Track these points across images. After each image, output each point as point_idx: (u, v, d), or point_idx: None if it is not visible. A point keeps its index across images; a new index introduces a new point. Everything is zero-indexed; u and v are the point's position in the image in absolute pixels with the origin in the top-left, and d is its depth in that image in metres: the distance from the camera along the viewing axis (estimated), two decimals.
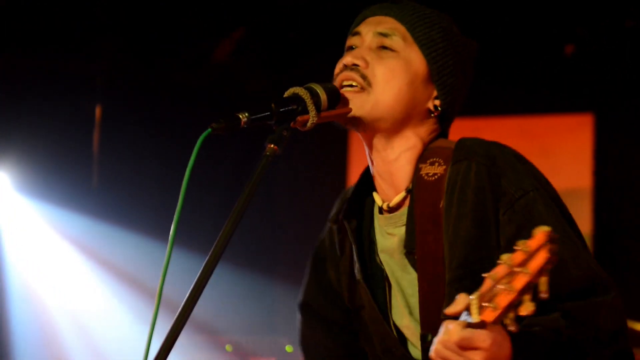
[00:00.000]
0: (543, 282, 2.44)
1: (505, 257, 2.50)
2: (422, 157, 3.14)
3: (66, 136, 8.22)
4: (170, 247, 2.67)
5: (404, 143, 3.16)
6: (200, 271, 2.67)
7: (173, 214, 2.70)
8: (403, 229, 3.14)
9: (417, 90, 3.14)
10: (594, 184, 8.34)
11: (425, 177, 3.10)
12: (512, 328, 2.49)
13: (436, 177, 3.08)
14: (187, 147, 2.82)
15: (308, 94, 2.97)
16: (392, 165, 3.17)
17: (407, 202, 3.15)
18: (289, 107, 2.93)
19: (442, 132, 3.24)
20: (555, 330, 2.83)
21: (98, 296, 8.35)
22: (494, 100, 8.36)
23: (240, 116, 2.81)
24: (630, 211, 8.23)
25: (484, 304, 2.54)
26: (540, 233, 2.45)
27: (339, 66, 3.15)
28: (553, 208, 2.99)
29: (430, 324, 3.05)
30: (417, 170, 3.12)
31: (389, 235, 3.19)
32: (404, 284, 3.16)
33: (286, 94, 2.98)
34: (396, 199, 3.16)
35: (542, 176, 3.09)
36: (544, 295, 2.43)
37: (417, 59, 3.15)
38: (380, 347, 3.22)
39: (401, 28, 3.17)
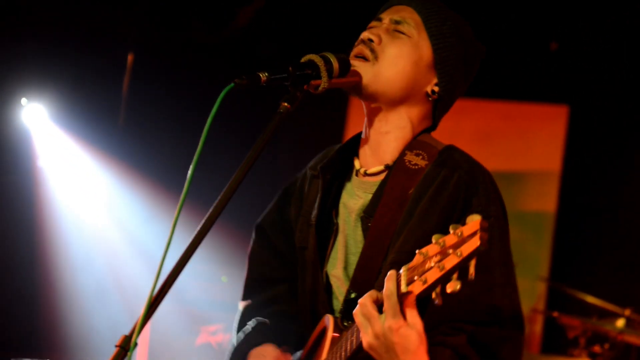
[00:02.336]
0: (472, 265, 2.44)
1: (436, 237, 2.52)
2: (410, 145, 3.16)
3: (99, 78, 8.22)
4: (186, 189, 2.66)
5: (397, 121, 3.17)
6: (211, 208, 2.68)
7: (191, 155, 2.68)
8: (369, 197, 3.15)
9: (420, 73, 3.15)
10: (562, 168, 8.34)
11: (407, 164, 3.11)
12: (437, 301, 2.51)
13: (417, 167, 3.10)
14: (208, 97, 2.82)
15: (322, 61, 2.98)
16: (382, 137, 3.18)
17: (383, 175, 3.17)
18: (304, 72, 2.94)
19: (432, 124, 3.26)
20: (462, 355, 2.82)
21: (113, 220, 8.39)
22: (482, 84, 8.35)
23: (261, 75, 2.81)
24: (592, 196, 8.27)
25: (413, 277, 2.56)
26: (474, 221, 2.45)
27: (358, 40, 3.18)
28: (505, 238, 3.01)
29: (359, 285, 3.07)
30: (402, 154, 3.14)
31: (356, 196, 3.20)
32: (350, 242, 3.18)
33: (303, 60, 2.99)
34: (374, 169, 3.18)
35: (503, 206, 3.09)
36: (471, 276, 2.43)
37: (425, 46, 3.17)
38: (310, 287, 3.24)
39: (417, 18, 3.19)
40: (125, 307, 8.10)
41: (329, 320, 3.09)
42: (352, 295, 3.06)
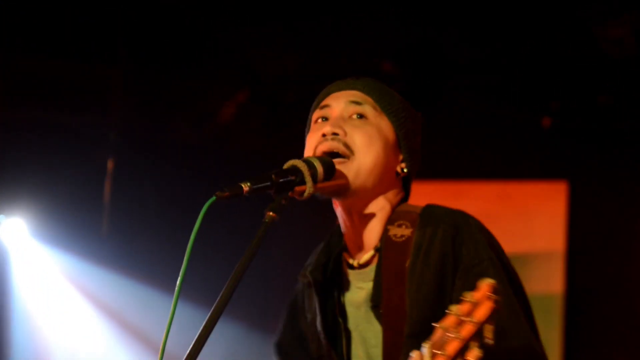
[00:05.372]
0: (489, 329, 2.50)
1: (453, 308, 2.55)
2: (390, 220, 3.19)
3: (80, 187, 8.20)
4: (173, 307, 2.71)
5: (375, 206, 3.21)
6: (201, 328, 2.71)
7: (178, 266, 2.74)
8: (371, 284, 3.17)
9: (389, 155, 3.22)
10: (566, 247, 8.29)
11: (393, 238, 3.14)
12: None
13: (403, 238, 3.13)
14: (193, 200, 2.87)
15: (306, 166, 3.02)
16: (364, 226, 3.21)
17: (375, 259, 3.19)
18: (288, 178, 2.98)
19: (405, 194, 3.32)
20: None
21: (101, 341, 8.31)
22: (476, 165, 8.39)
23: (243, 185, 2.87)
24: (601, 273, 8.21)
25: (435, 352, 2.58)
26: (484, 285, 2.51)
27: (315, 136, 3.21)
28: (502, 277, 3.04)
29: None
30: (385, 231, 3.17)
31: (358, 289, 3.21)
32: (369, 335, 3.19)
33: (285, 166, 3.04)
34: (365, 257, 3.21)
35: (498, 246, 3.15)
36: (489, 341, 2.48)
37: (386, 127, 3.23)
38: None
39: (369, 99, 3.24)
40: None
41: None
42: None
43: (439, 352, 2.57)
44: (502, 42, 7.74)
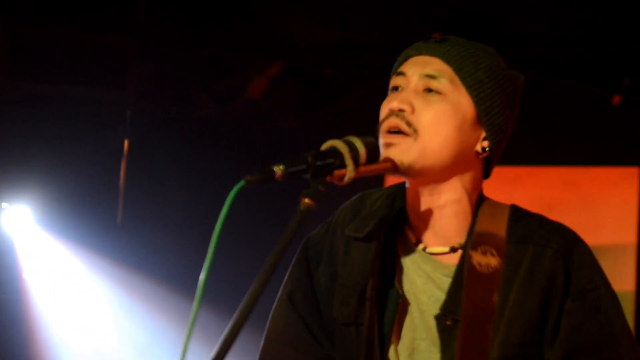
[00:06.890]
0: None
1: None
2: (472, 242, 3.16)
3: (92, 170, 8.26)
4: (196, 305, 2.67)
5: (451, 193, 3.18)
6: (229, 327, 2.64)
7: (201, 258, 2.69)
8: (440, 278, 3.15)
9: (466, 134, 3.15)
10: (638, 240, 8.31)
11: (478, 267, 3.12)
12: None
13: (490, 270, 3.10)
14: (218, 184, 2.84)
15: (347, 148, 2.95)
16: (438, 211, 3.18)
17: (455, 257, 3.17)
18: (326, 161, 2.91)
19: (485, 176, 3.27)
20: None
21: (116, 336, 8.35)
22: (538, 149, 8.37)
23: (275, 169, 2.81)
24: None
25: None
26: None
27: (384, 110, 3.17)
28: (618, 307, 3.09)
29: None
30: (466, 254, 3.14)
31: (424, 274, 3.19)
32: (419, 325, 3.17)
33: (324, 147, 2.97)
34: (438, 250, 3.18)
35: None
36: None
37: (465, 102, 3.15)
38: None
39: (448, 69, 3.16)
40: None
41: None
42: None
43: None
44: (564, 12, 7.67)
